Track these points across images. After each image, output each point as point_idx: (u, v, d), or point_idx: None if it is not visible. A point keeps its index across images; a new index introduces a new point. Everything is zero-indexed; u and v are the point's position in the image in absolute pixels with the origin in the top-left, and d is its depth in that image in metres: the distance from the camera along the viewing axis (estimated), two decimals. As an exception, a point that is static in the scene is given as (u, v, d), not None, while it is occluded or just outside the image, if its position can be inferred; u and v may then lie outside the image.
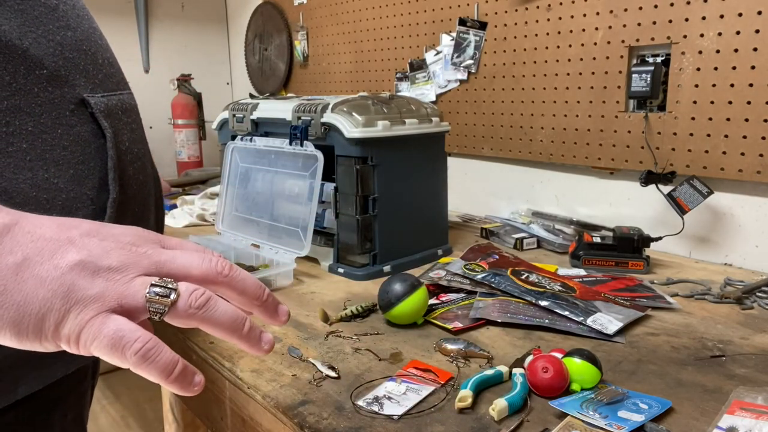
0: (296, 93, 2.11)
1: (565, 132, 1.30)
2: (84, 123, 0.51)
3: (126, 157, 0.55)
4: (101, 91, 0.54)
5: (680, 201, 1.06)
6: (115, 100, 0.55)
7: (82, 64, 0.52)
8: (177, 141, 2.17)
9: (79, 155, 0.50)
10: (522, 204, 1.45)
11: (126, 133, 0.56)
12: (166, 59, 2.40)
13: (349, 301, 0.90)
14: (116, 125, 0.54)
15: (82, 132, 0.51)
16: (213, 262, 0.39)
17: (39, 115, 0.48)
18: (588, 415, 0.56)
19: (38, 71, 0.48)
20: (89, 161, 0.51)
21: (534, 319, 0.79)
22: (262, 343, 0.40)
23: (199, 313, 0.37)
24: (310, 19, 2.04)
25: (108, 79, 0.56)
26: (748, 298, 0.89)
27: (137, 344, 0.34)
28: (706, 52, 1.05)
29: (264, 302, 0.41)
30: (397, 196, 1.04)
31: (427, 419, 0.58)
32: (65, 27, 0.52)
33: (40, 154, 0.48)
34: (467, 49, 1.48)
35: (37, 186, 0.47)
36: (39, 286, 0.34)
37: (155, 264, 0.37)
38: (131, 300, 0.35)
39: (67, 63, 0.50)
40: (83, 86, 0.52)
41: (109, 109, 0.53)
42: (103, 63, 0.55)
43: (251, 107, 1.16)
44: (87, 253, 0.35)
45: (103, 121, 0.52)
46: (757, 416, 0.54)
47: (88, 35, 0.55)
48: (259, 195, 1.13)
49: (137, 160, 0.57)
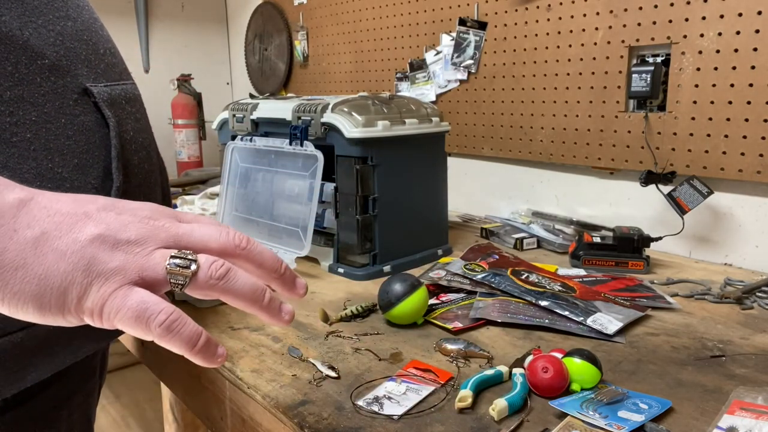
0: (296, 93, 2.11)
1: (565, 132, 1.30)
2: (87, 112, 0.51)
3: (130, 146, 0.55)
4: (104, 80, 0.54)
5: (680, 201, 1.06)
6: (119, 89, 0.55)
7: (83, 54, 0.52)
8: (177, 141, 2.17)
9: (83, 144, 0.50)
10: (522, 204, 1.45)
11: (130, 122, 0.56)
12: (166, 59, 2.40)
13: (349, 301, 0.90)
14: (120, 115, 0.54)
15: (86, 121, 0.51)
16: (231, 235, 0.39)
17: (42, 105, 0.48)
18: (588, 415, 0.56)
19: (40, 61, 0.48)
20: (93, 150, 0.51)
21: (534, 319, 0.79)
22: (282, 314, 0.40)
23: (220, 284, 0.37)
24: (310, 19, 2.04)
25: (110, 69, 0.56)
26: (748, 298, 0.89)
27: (162, 316, 0.35)
28: (706, 52, 1.05)
29: (282, 275, 0.42)
30: (397, 196, 1.04)
31: (427, 419, 0.58)
32: (65, 17, 0.52)
33: (44, 143, 0.48)
34: (467, 49, 1.48)
35: (41, 176, 0.47)
36: (59, 259, 0.33)
37: (173, 237, 0.37)
38: (152, 272, 0.35)
39: (68, 53, 0.50)
40: (85, 76, 0.52)
41: (112, 99, 0.54)
42: (104, 53, 0.55)
43: (251, 107, 1.16)
44: (105, 226, 0.35)
45: (106, 110, 0.52)
46: (757, 416, 0.54)
47: (89, 25, 0.55)
48: (259, 195, 1.13)
49: (142, 149, 0.57)
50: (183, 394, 0.84)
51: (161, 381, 0.95)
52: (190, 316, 0.39)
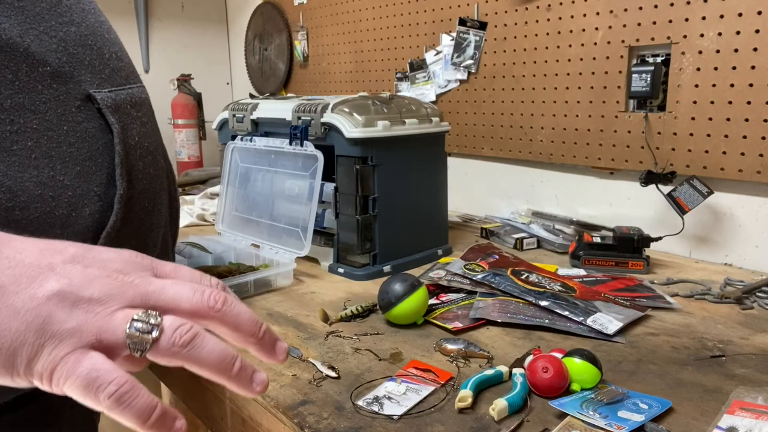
0: (296, 93, 2.11)
1: (565, 132, 1.30)
2: (91, 119, 0.51)
3: (135, 151, 0.54)
4: (108, 86, 0.53)
5: (680, 201, 1.06)
6: (124, 94, 0.55)
7: (87, 60, 0.51)
8: (177, 141, 2.17)
9: (86, 152, 0.50)
10: (522, 204, 1.45)
11: (135, 127, 0.55)
12: (166, 59, 2.40)
13: (349, 301, 0.90)
14: (124, 120, 0.53)
15: (89, 128, 0.50)
16: (205, 295, 0.36)
17: (44, 113, 0.47)
18: (588, 415, 0.56)
19: (41, 68, 0.47)
20: (97, 157, 0.50)
21: (534, 319, 0.79)
22: (253, 384, 0.37)
23: (183, 352, 0.34)
24: (310, 19, 2.04)
25: (116, 73, 0.55)
26: (748, 298, 0.89)
27: (111, 387, 0.32)
28: (706, 52, 1.05)
29: (260, 339, 0.39)
30: (397, 196, 1.04)
31: (427, 419, 0.58)
32: (69, 22, 0.51)
33: (46, 151, 0.47)
34: (467, 49, 1.48)
35: (43, 184, 0.47)
36: (12, 317, 0.31)
37: (141, 295, 0.35)
38: (110, 335, 0.33)
39: (71, 59, 0.50)
40: (89, 82, 0.51)
41: (116, 104, 0.53)
42: (110, 57, 0.55)
43: (251, 107, 1.16)
44: (67, 282, 0.33)
45: (110, 116, 0.52)
46: (757, 416, 0.54)
47: (94, 30, 0.54)
48: (259, 195, 1.13)
49: (148, 154, 0.56)
50: (183, 394, 0.84)
51: (161, 381, 0.95)
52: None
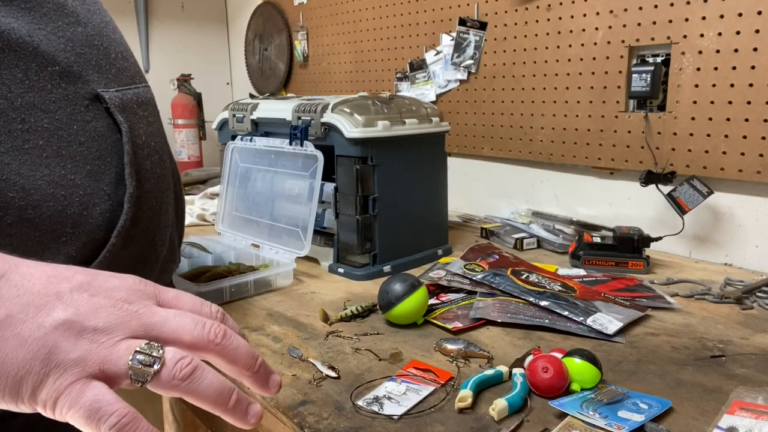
0: (296, 93, 2.11)
1: (565, 132, 1.30)
2: (99, 118, 0.52)
3: (143, 151, 0.55)
4: (115, 85, 0.54)
5: (680, 201, 1.06)
6: (131, 94, 0.56)
7: (94, 60, 0.52)
8: (177, 141, 2.17)
9: (95, 151, 0.51)
10: (522, 204, 1.45)
11: (142, 126, 0.56)
12: (166, 59, 2.40)
13: (349, 301, 0.90)
14: (132, 119, 0.54)
15: (98, 127, 0.51)
16: (206, 329, 0.37)
17: (54, 112, 0.48)
18: (588, 415, 0.56)
19: (51, 68, 0.48)
20: (106, 156, 0.52)
21: (534, 319, 0.79)
22: (248, 416, 0.38)
23: (183, 385, 0.35)
24: (310, 19, 2.04)
25: (122, 73, 0.56)
26: (748, 298, 0.89)
27: (113, 418, 0.33)
28: (706, 52, 1.05)
29: (255, 372, 0.40)
30: (397, 196, 1.04)
31: (427, 419, 0.58)
32: (75, 23, 0.52)
33: (57, 150, 0.48)
34: (467, 49, 1.48)
35: (55, 182, 0.48)
36: (19, 346, 0.32)
37: (145, 326, 0.36)
38: (113, 366, 0.34)
39: (79, 59, 0.51)
40: (97, 81, 0.52)
41: (124, 104, 0.54)
42: (116, 57, 0.56)
43: (251, 107, 1.16)
44: (74, 311, 0.34)
45: (118, 115, 0.52)
46: (757, 416, 0.54)
47: (100, 30, 0.55)
48: (259, 195, 1.13)
49: (155, 153, 0.57)
50: (183, 394, 0.84)
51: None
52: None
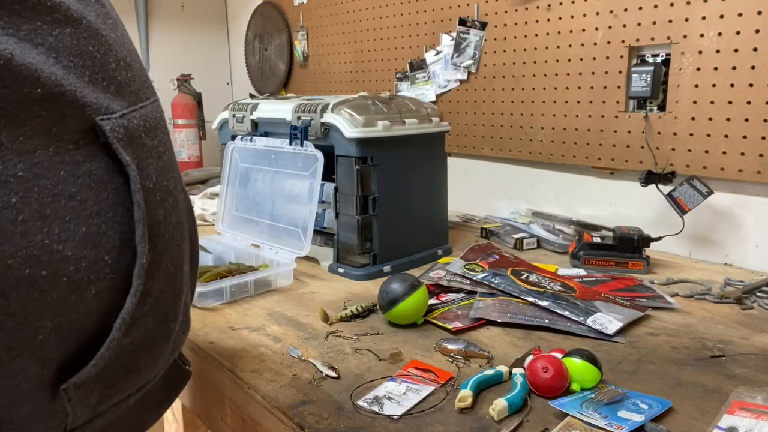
0: (296, 93, 2.11)
1: (565, 132, 1.30)
2: (95, 157, 0.38)
3: (155, 196, 0.42)
4: (117, 107, 0.40)
5: (680, 201, 1.06)
6: (137, 118, 0.42)
7: (89, 73, 0.39)
8: (177, 141, 2.17)
9: (91, 204, 0.37)
10: (522, 204, 1.45)
11: (152, 161, 0.43)
12: (166, 59, 2.40)
13: (349, 301, 0.90)
14: (140, 154, 0.41)
15: (94, 170, 0.38)
16: None
17: (31, 153, 0.35)
18: (588, 415, 0.56)
19: (27, 90, 0.35)
20: (106, 211, 0.38)
21: (534, 319, 0.79)
22: None
23: None
24: (310, 19, 2.04)
25: (126, 88, 0.42)
26: (748, 298, 0.89)
27: None
28: (706, 52, 1.05)
29: None
30: (397, 196, 1.04)
31: (427, 419, 0.58)
32: (63, 21, 0.38)
33: (36, 209, 0.35)
34: (467, 49, 1.48)
35: (31, 258, 0.34)
36: None
37: None
38: None
39: (67, 74, 0.37)
40: (94, 105, 0.39)
41: (129, 134, 0.40)
42: (117, 66, 0.42)
43: (251, 107, 1.16)
44: None
45: (123, 153, 0.39)
46: (757, 416, 0.54)
47: (96, 29, 0.40)
48: (259, 195, 1.13)
49: (168, 196, 0.44)
50: (183, 394, 0.84)
51: (161, 381, 0.95)
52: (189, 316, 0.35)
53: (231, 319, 0.85)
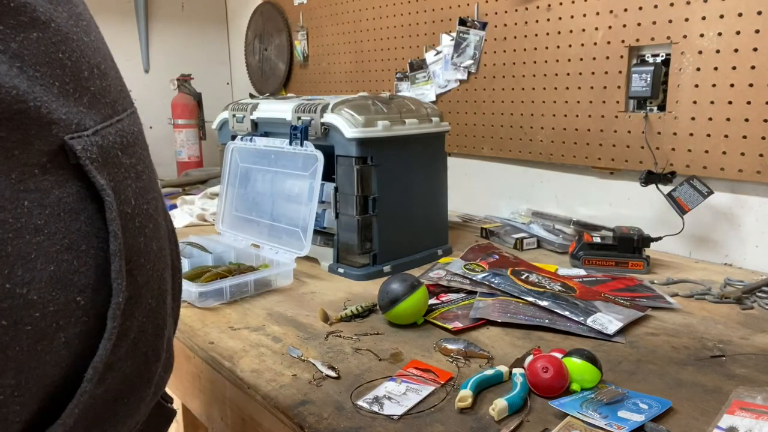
0: (296, 93, 2.11)
1: (565, 132, 1.30)
2: (65, 182, 0.33)
3: (133, 223, 0.37)
4: (90, 121, 0.35)
5: (680, 201, 1.06)
6: (113, 134, 0.37)
7: (57, 84, 0.33)
8: (177, 141, 2.17)
9: (61, 237, 0.33)
10: (522, 204, 1.45)
11: (130, 182, 0.38)
12: (166, 59, 2.40)
13: (349, 301, 0.90)
14: (116, 176, 0.36)
15: (65, 198, 0.33)
16: None
17: None
18: (588, 415, 0.56)
19: None
20: (79, 244, 0.33)
21: (534, 319, 0.79)
22: None
23: None
24: (310, 19, 2.04)
25: (100, 98, 0.37)
26: (748, 298, 0.89)
27: None
28: (706, 52, 1.05)
29: None
30: (397, 196, 1.04)
31: (427, 419, 0.58)
32: (29, 24, 0.32)
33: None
34: (467, 49, 1.48)
35: None
36: None
37: None
38: None
39: (32, 86, 0.32)
40: (63, 122, 0.33)
41: (104, 153, 0.36)
42: (90, 75, 0.36)
43: (251, 107, 1.16)
44: None
45: (97, 176, 0.34)
46: (757, 416, 0.54)
47: (68, 32, 0.35)
48: (259, 195, 1.13)
49: (149, 221, 0.39)
50: (183, 394, 0.84)
51: (161, 381, 0.95)
52: (189, 316, 0.33)
53: (231, 319, 0.85)
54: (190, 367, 0.78)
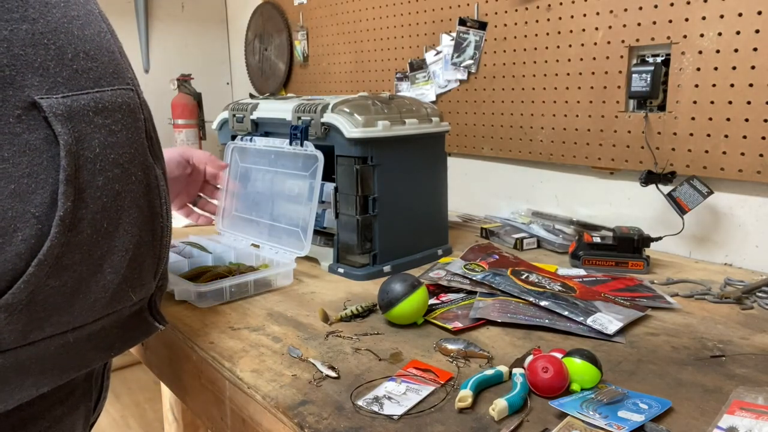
0: (296, 93, 2.11)
1: (565, 132, 1.30)
2: (34, 129, 0.45)
3: (94, 164, 0.48)
4: (65, 90, 0.47)
5: (680, 201, 1.06)
6: (86, 99, 0.49)
7: (38, 61, 0.46)
8: (177, 141, 2.17)
9: (24, 167, 0.44)
10: (522, 204, 1.45)
11: (98, 137, 0.49)
12: (166, 59, 2.40)
13: (349, 301, 0.90)
14: (81, 129, 0.48)
15: (31, 140, 0.45)
16: None
17: None
18: (588, 415, 0.56)
19: None
20: (39, 173, 0.45)
21: (534, 319, 0.79)
22: None
23: None
24: (310, 19, 2.04)
25: (80, 75, 0.49)
26: (748, 298, 0.89)
27: None
28: (706, 52, 1.05)
29: None
30: (397, 196, 1.04)
31: (427, 419, 0.58)
32: (20, 19, 0.45)
33: None
34: (467, 49, 1.48)
35: None
36: None
37: None
38: None
39: (14, 61, 0.45)
40: (37, 87, 0.46)
41: (71, 111, 0.47)
42: (75, 57, 0.49)
43: (251, 107, 1.16)
44: None
45: (57, 125, 0.46)
46: (757, 416, 0.54)
47: (57, 26, 0.48)
48: (259, 195, 1.13)
49: (115, 167, 0.50)
50: (183, 394, 0.84)
51: (161, 381, 0.95)
52: (189, 316, 0.36)
53: (231, 319, 0.85)
54: (190, 366, 0.78)
